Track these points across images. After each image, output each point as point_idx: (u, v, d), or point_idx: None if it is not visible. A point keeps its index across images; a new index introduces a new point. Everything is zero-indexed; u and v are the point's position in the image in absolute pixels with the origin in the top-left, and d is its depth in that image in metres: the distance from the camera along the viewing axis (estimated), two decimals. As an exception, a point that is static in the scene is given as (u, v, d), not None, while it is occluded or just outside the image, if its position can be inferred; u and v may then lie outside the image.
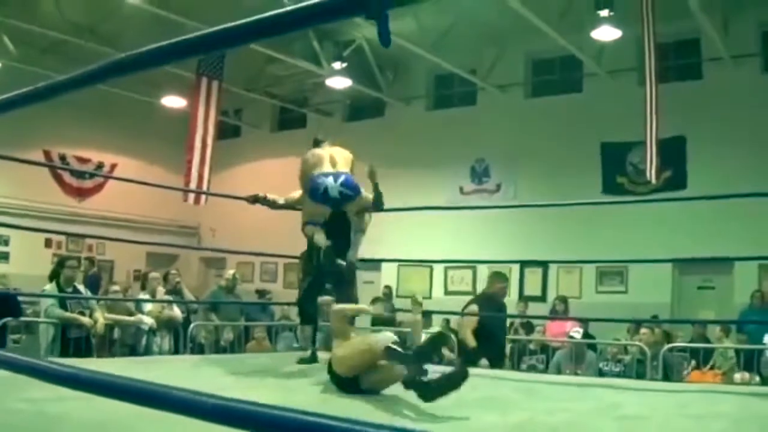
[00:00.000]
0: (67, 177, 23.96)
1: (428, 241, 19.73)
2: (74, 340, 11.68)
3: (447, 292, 21.57)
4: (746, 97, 17.63)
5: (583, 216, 17.63)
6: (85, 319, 11.78)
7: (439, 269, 21.64)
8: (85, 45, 18.48)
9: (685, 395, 7.40)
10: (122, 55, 2.81)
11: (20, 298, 12.74)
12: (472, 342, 11.37)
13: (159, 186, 16.92)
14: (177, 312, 13.76)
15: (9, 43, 19.32)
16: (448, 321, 17.36)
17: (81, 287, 12.94)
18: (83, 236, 21.61)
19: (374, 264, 21.75)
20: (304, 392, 6.40)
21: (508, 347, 15.42)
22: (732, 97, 17.79)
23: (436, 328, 17.03)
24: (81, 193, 24.22)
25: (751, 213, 15.45)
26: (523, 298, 18.87)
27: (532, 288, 20.23)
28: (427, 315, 17.40)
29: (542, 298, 19.49)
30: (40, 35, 18.78)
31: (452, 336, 14.69)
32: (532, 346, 15.17)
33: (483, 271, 20.32)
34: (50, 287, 12.04)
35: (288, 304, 15.66)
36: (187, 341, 13.42)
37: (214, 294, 16.91)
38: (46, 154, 22.65)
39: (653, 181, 14.53)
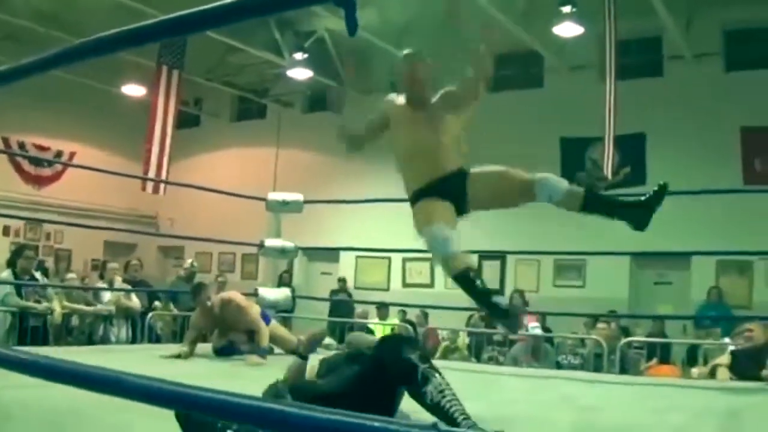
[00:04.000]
0: (25, 165, 23.81)
1: (387, 234, 19.69)
2: (31, 329, 11.66)
3: (405, 285, 21.61)
4: (707, 95, 17.75)
5: (540, 210, 17.65)
6: (41, 307, 11.77)
7: (397, 261, 21.67)
8: (47, 33, 18.36)
9: (643, 388, 7.46)
10: (80, 41, 2.80)
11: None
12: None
13: (118, 174, 16.78)
14: (135, 301, 13.74)
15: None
16: (404, 312, 17.42)
17: (38, 275, 12.92)
18: (41, 221, 21.54)
19: (332, 255, 21.82)
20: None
21: (467, 339, 15.52)
22: (693, 95, 17.90)
23: (393, 320, 17.20)
24: (39, 182, 24.07)
25: (709, 209, 15.61)
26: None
27: (490, 281, 20.26)
28: (384, 307, 17.51)
29: (500, 292, 19.54)
30: (2, 22, 18.62)
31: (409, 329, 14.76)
32: (497, 337, 15.19)
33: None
34: (6, 274, 12.00)
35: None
36: (145, 331, 13.39)
37: (172, 284, 16.92)
38: (5, 141, 22.50)
39: (609, 176, 14.65)
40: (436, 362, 9.83)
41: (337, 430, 1.81)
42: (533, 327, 14.51)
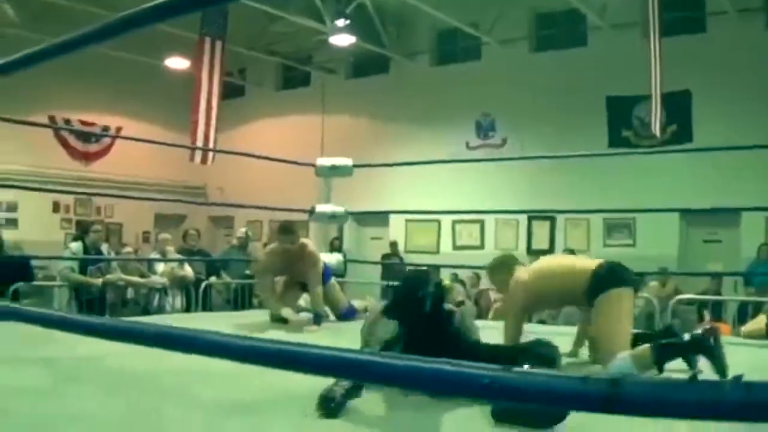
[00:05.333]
0: (72, 141, 23.98)
1: (435, 197, 19.73)
2: (86, 302, 11.88)
3: (455, 247, 21.64)
4: (751, 51, 17.61)
5: (589, 170, 17.70)
6: (97, 281, 12.04)
7: (446, 224, 21.69)
8: (87, 10, 18.44)
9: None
10: (120, 14, 2.85)
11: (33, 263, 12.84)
12: None
13: (166, 144, 17.01)
14: (189, 271, 13.89)
15: (10, 10, 19.31)
16: (456, 275, 17.42)
17: (104, 248, 13.23)
18: (90, 195, 21.66)
19: (382, 220, 21.85)
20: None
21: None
22: (737, 51, 17.76)
23: (445, 282, 17.19)
24: (87, 157, 24.25)
25: (757, 166, 15.51)
26: (532, 252, 18.98)
27: (540, 242, 20.30)
28: (436, 269, 17.53)
29: (550, 251, 19.53)
30: (45, 3, 18.71)
31: (460, 287, 14.78)
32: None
33: (490, 225, 20.41)
34: (75, 247, 12.30)
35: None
36: (199, 300, 13.53)
37: (226, 252, 17.07)
38: (51, 118, 22.64)
39: (657, 134, 14.56)
40: (489, 322, 9.84)
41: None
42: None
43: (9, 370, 5.50)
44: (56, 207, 22.61)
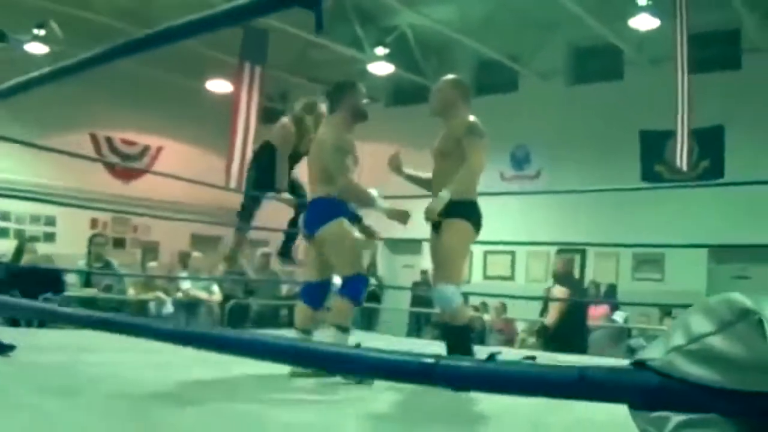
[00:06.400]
0: (113, 160, 24.28)
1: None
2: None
3: (486, 277, 21.73)
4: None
5: (621, 203, 17.79)
6: (104, 296, 12.35)
7: (478, 253, 21.76)
8: (130, 30, 18.77)
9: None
10: (148, 32, 3.09)
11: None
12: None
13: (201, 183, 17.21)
14: (215, 295, 14.16)
15: (57, 30, 19.65)
16: (485, 304, 17.56)
17: (115, 262, 13.45)
18: (123, 213, 21.91)
19: (414, 247, 21.98)
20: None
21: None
22: (771, 88, 17.85)
23: (471, 311, 17.42)
24: (127, 176, 24.53)
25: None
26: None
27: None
28: (465, 297, 17.69)
29: (580, 285, 19.62)
30: (87, 21, 19.04)
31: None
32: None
33: (521, 256, 20.54)
34: (82, 263, 12.58)
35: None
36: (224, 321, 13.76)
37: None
38: (93, 136, 22.98)
39: (684, 169, 14.65)
40: (512, 350, 9.97)
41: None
42: (616, 316, 14.81)
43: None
44: (94, 224, 22.84)
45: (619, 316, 15.86)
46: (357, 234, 7.10)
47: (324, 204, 6.93)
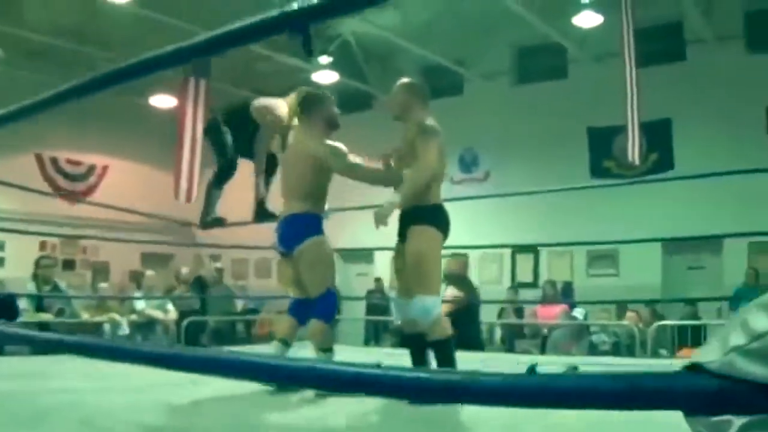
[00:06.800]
0: (60, 181, 24.04)
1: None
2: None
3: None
4: (731, 78, 17.80)
5: (572, 202, 17.82)
6: (54, 320, 12.20)
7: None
8: (72, 47, 18.63)
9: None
10: (114, 67, 3.00)
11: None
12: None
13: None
14: (168, 313, 14.04)
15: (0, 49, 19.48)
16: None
17: (63, 284, 13.27)
18: (71, 237, 21.68)
19: (366, 256, 21.93)
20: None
21: (499, 332, 15.73)
22: (717, 78, 17.96)
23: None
24: (74, 196, 24.30)
25: (738, 193, 15.65)
26: (515, 284, 19.14)
27: (524, 274, 20.44)
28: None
29: (534, 284, 19.70)
30: (25, 40, 18.86)
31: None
32: (525, 331, 15.48)
33: (474, 259, 20.56)
34: (31, 287, 12.39)
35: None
36: (181, 338, 13.66)
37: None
38: (38, 157, 22.76)
39: (636, 162, 14.69)
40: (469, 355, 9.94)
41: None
42: (576, 312, 14.85)
43: None
44: (43, 246, 22.59)
45: (578, 313, 15.91)
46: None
47: (301, 221, 6.96)
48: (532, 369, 6.69)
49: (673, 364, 5.50)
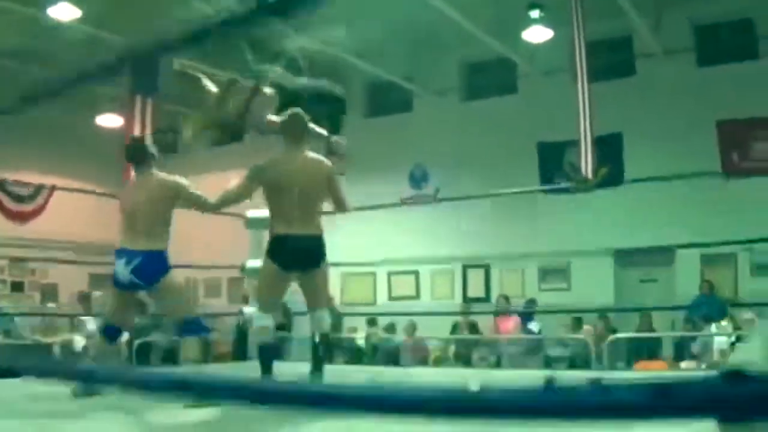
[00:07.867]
0: (6, 202, 23.75)
1: (371, 249, 19.83)
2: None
3: (391, 298, 21.66)
4: (681, 91, 17.92)
5: (522, 217, 17.85)
6: None
7: (382, 276, 21.71)
8: (23, 69, 18.44)
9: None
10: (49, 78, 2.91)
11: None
12: None
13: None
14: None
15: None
16: (393, 325, 17.57)
17: (6, 304, 13.21)
18: (21, 259, 21.49)
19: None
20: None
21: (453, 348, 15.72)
22: (666, 92, 18.07)
23: (379, 332, 17.48)
24: (21, 217, 23.99)
25: (689, 204, 15.75)
26: (468, 300, 19.12)
27: (476, 289, 20.40)
28: (373, 320, 17.76)
29: (486, 299, 19.70)
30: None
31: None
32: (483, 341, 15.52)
33: (425, 275, 20.54)
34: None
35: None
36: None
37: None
38: (-16, 178, 22.53)
39: (590, 176, 14.71)
40: (428, 370, 9.90)
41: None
42: (531, 326, 14.87)
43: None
44: (-10, 268, 22.40)
45: (534, 326, 15.93)
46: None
47: (161, 257, 8.17)
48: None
49: (636, 375, 5.45)
